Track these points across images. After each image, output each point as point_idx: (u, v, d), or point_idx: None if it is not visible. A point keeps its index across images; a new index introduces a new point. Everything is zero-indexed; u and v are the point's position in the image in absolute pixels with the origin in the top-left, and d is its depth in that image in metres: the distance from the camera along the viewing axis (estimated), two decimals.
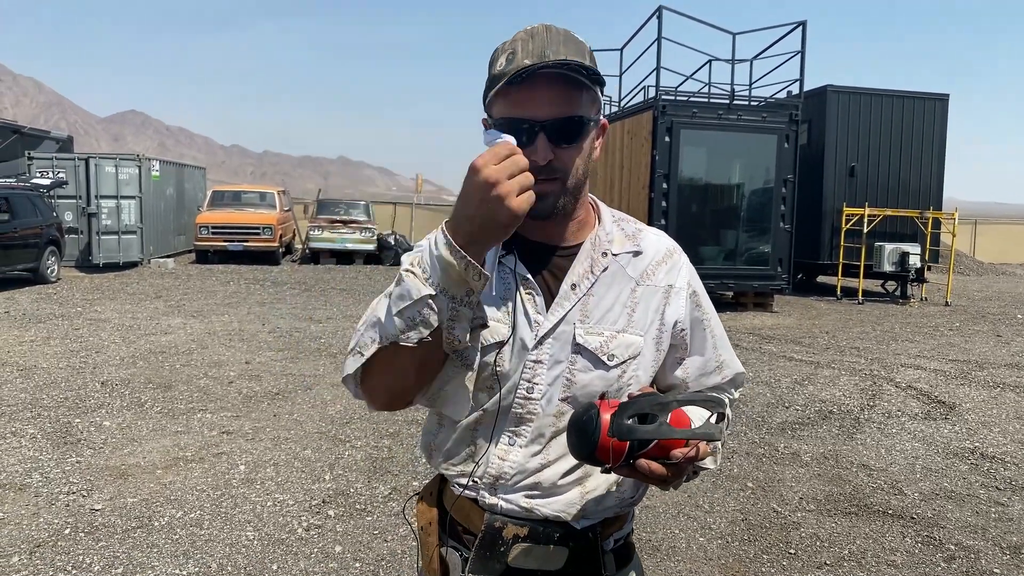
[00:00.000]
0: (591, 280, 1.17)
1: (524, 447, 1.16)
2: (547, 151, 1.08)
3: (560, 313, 1.15)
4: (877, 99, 14.05)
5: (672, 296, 1.22)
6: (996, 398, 6.53)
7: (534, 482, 1.16)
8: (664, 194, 11.25)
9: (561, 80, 1.07)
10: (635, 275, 1.21)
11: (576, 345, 1.15)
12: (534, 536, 1.16)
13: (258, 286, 12.97)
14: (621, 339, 1.17)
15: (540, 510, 1.16)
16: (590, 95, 1.12)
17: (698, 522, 3.80)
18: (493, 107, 1.13)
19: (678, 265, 1.25)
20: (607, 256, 1.19)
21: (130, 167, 15.17)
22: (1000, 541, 3.67)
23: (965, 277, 19.39)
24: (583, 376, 1.15)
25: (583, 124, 1.11)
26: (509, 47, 1.10)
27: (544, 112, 1.07)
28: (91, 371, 6.52)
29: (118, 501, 3.83)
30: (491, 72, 1.11)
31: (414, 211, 24.75)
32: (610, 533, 1.23)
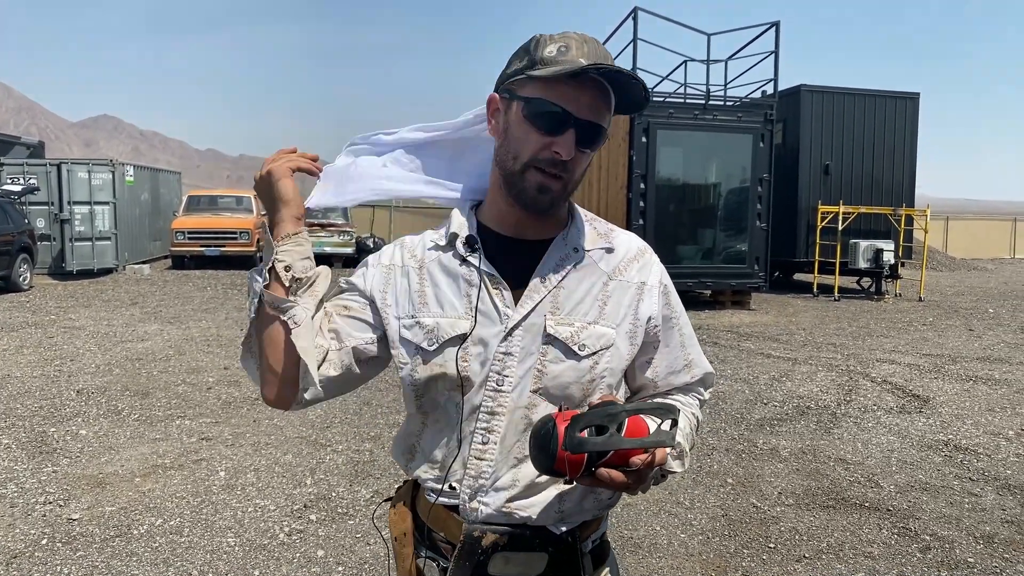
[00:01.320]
0: (562, 273, 1.18)
1: (498, 443, 1.15)
2: (571, 148, 1.10)
3: (530, 305, 1.15)
4: (850, 98, 14.26)
5: (645, 292, 1.23)
6: (969, 391, 6.65)
7: (512, 480, 1.15)
8: (642, 194, 11.32)
9: (604, 91, 1.10)
10: (607, 270, 1.21)
11: (547, 336, 1.15)
12: (514, 543, 1.15)
13: (236, 291, 12.86)
14: (592, 330, 1.17)
15: (519, 514, 1.15)
16: (610, 117, 1.15)
17: (679, 519, 3.84)
18: (525, 87, 1.12)
19: (650, 264, 1.25)
20: (579, 251, 1.20)
21: (103, 172, 14.97)
22: (974, 531, 3.74)
23: (937, 273, 19.71)
24: (554, 367, 1.15)
25: (604, 136, 1.14)
26: (561, 40, 1.10)
27: (583, 112, 1.09)
28: (66, 379, 6.43)
29: (96, 510, 3.78)
30: (536, 54, 1.11)
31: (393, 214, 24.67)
32: (588, 535, 1.22)
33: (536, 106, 1.10)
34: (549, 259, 1.19)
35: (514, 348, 1.14)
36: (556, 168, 1.11)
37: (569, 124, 1.09)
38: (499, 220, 1.22)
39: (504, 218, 1.21)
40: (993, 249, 26.41)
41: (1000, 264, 23.74)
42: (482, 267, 1.17)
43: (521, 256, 1.19)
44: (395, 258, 1.24)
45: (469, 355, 1.15)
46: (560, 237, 1.21)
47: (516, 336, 1.15)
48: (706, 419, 5.58)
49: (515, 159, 1.13)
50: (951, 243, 25.28)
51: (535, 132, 1.11)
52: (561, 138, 1.09)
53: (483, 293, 1.16)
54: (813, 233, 13.73)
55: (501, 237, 1.21)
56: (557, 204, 1.16)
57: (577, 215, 1.25)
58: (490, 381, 1.15)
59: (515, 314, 1.15)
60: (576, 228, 1.23)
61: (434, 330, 1.16)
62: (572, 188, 1.16)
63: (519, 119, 1.12)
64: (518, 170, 1.13)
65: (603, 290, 1.20)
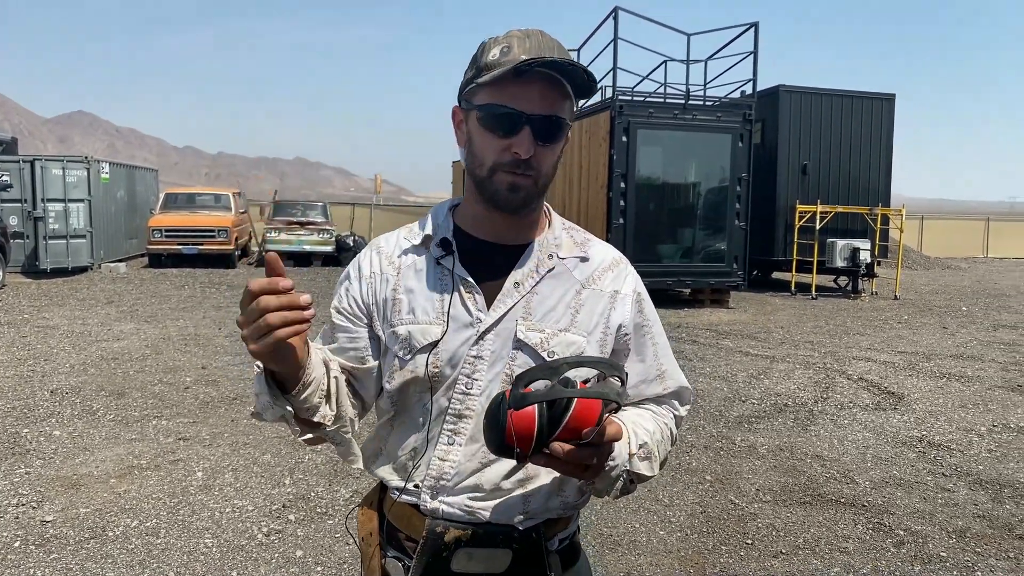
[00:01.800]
0: (535, 279, 1.18)
1: (464, 446, 1.15)
2: (530, 145, 1.10)
3: (502, 310, 1.16)
4: (827, 99, 14.41)
5: (618, 301, 1.23)
6: (942, 388, 6.76)
7: (475, 483, 1.15)
8: (622, 193, 11.37)
9: (553, 82, 1.10)
10: (581, 278, 1.21)
11: (517, 341, 1.15)
12: (477, 539, 1.14)
13: (214, 290, 12.74)
14: (563, 337, 1.17)
15: (482, 513, 1.15)
16: (569, 104, 1.15)
17: (658, 516, 3.86)
18: (476, 95, 1.13)
19: (624, 273, 1.26)
20: (553, 258, 1.21)
21: (78, 169, 14.74)
22: (946, 525, 3.81)
23: (913, 271, 19.99)
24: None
25: (564, 127, 1.14)
26: (504, 41, 1.12)
27: (534, 107, 1.10)
28: (40, 379, 6.33)
29: (70, 512, 3.73)
30: (481, 61, 1.12)
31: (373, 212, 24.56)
32: (554, 533, 1.21)
33: (488, 111, 1.11)
34: (523, 264, 1.19)
35: (484, 352, 1.15)
36: (521, 167, 1.12)
37: (522, 122, 1.10)
38: (475, 224, 1.22)
39: (480, 222, 1.21)
40: (967, 248, 26.83)
41: (973, 263, 24.13)
42: (456, 271, 1.17)
43: (496, 260, 1.20)
44: (375, 266, 1.23)
45: (440, 359, 1.15)
46: (536, 242, 1.21)
47: (487, 340, 1.15)
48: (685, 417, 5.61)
49: (481, 166, 1.14)
50: (926, 242, 25.64)
51: (493, 137, 1.12)
52: (517, 138, 1.10)
53: (455, 297, 1.16)
54: (791, 232, 13.87)
55: (477, 240, 1.21)
56: (531, 200, 1.16)
57: (555, 222, 1.26)
58: (459, 384, 1.15)
59: (487, 318, 1.15)
60: (553, 235, 1.23)
61: (407, 339, 1.16)
62: (544, 182, 1.16)
63: (477, 127, 1.14)
64: (486, 176, 1.14)
65: (576, 298, 1.20)
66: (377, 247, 1.26)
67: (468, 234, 1.21)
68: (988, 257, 26.87)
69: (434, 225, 1.23)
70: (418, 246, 1.22)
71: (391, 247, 1.24)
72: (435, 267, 1.19)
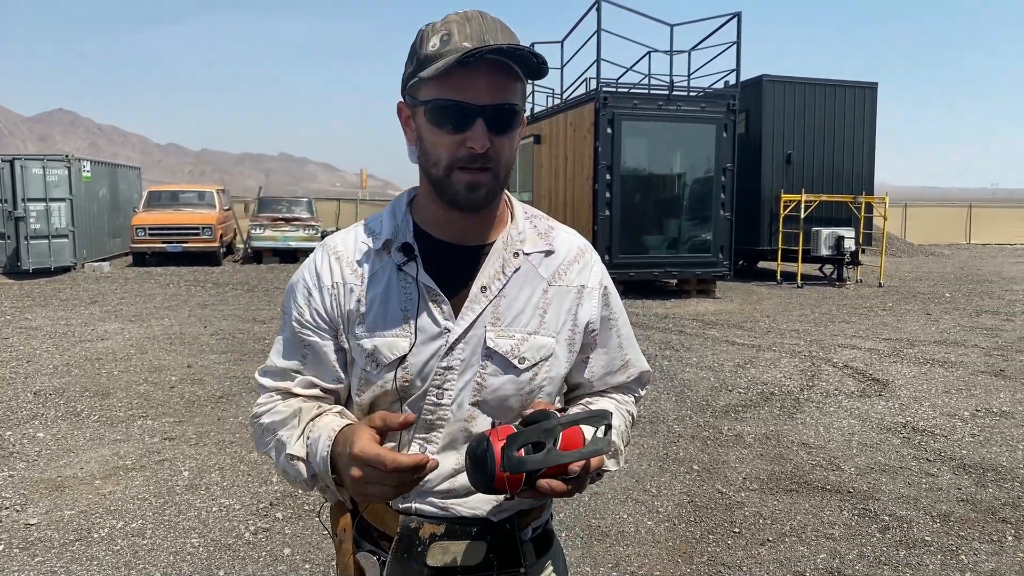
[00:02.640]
0: (502, 281, 1.15)
1: (436, 454, 1.14)
2: (485, 138, 1.05)
3: (471, 317, 1.13)
4: (811, 88, 14.46)
5: (584, 296, 1.21)
6: (926, 374, 6.82)
7: (449, 487, 1.15)
8: (608, 185, 11.38)
9: (501, 68, 1.04)
10: (547, 275, 1.19)
11: (487, 349, 1.13)
12: (451, 533, 1.14)
13: (199, 288, 12.65)
14: (533, 341, 1.15)
15: (456, 509, 1.15)
16: (521, 87, 1.11)
17: (645, 506, 3.88)
18: (420, 89, 1.08)
19: (590, 264, 1.24)
20: (519, 256, 1.17)
21: (59, 168, 14.57)
22: (931, 510, 3.85)
23: (897, 259, 20.15)
24: (493, 380, 1.14)
25: (517, 114, 1.09)
26: (442, 28, 1.06)
27: (484, 98, 1.04)
28: (23, 381, 6.27)
29: (54, 514, 3.70)
30: (421, 52, 1.07)
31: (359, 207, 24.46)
32: (527, 523, 1.21)
33: (436, 107, 1.06)
34: (488, 266, 1.16)
35: (455, 362, 1.13)
36: (479, 162, 1.07)
37: (474, 115, 1.05)
38: (435, 224, 1.17)
39: (439, 222, 1.17)
40: (950, 235, 27.08)
41: (956, 250, 24.35)
42: (420, 279, 1.13)
43: (460, 263, 1.16)
44: (336, 275, 1.17)
45: (409, 373, 1.12)
46: (500, 241, 1.18)
47: (457, 350, 1.13)
48: (672, 408, 5.64)
49: (436, 165, 1.09)
50: (910, 230, 25.86)
51: (444, 133, 1.07)
52: (471, 132, 1.05)
53: (421, 306, 1.13)
54: (776, 221, 13.93)
55: (438, 242, 1.17)
56: (493, 196, 1.12)
57: (517, 213, 1.22)
58: (429, 396, 1.13)
59: (456, 327, 1.13)
60: (517, 229, 1.20)
61: (373, 353, 1.13)
62: (504, 174, 1.12)
63: (426, 123, 1.09)
64: (443, 175, 1.09)
65: (543, 297, 1.18)
66: (335, 252, 1.19)
67: (428, 234, 1.17)
68: (971, 243, 27.13)
69: (393, 226, 1.18)
70: (379, 251, 1.17)
71: (350, 251, 1.18)
72: (397, 274, 1.15)
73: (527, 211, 1.25)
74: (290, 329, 1.19)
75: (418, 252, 1.15)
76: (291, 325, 1.18)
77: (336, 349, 1.18)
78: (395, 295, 1.14)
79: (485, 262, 1.16)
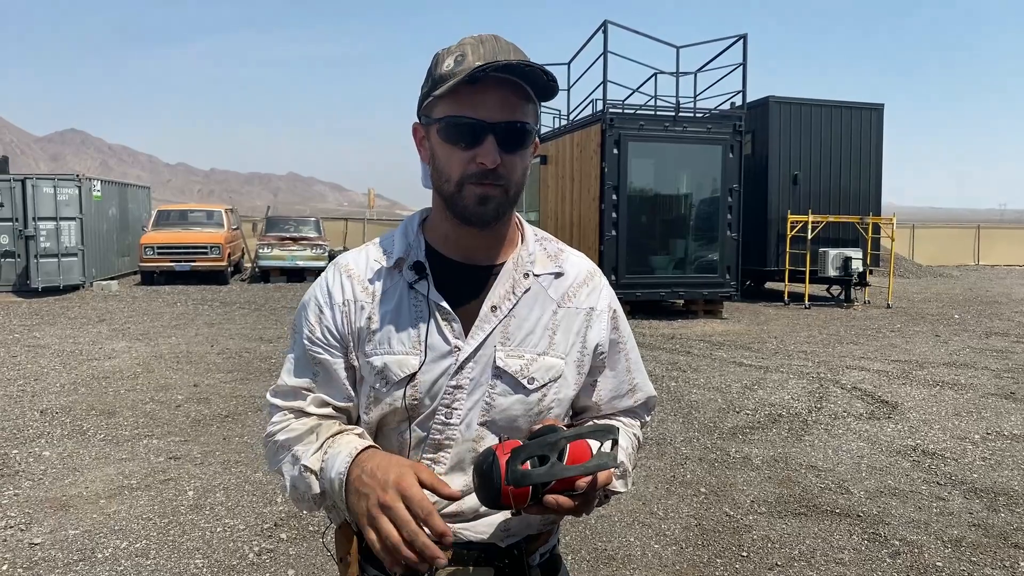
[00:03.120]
0: (512, 301, 1.16)
1: (444, 475, 1.13)
2: (496, 154, 1.06)
3: (480, 337, 1.13)
4: (816, 109, 14.51)
5: (594, 319, 1.22)
6: (936, 396, 6.76)
7: (457, 510, 1.14)
8: (614, 205, 11.40)
9: (512, 86, 1.07)
10: (556, 297, 1.20)
11: (496, 369, 1.13)
12: (458, 559, 1.13)
13: (206, 307, 12.69)
14: (542, 362, 1.16)
15: (463, 534, 1.14)
16: (533, 107, 1.12)
17: (653, 529, 3.84)
18: (435, 108, 1.10)
19: (599, 287, 1.25)
20: (529, 277, 1.18)
21: (69, 187, 14.71)
22: (942, 535, 3.79)
23: (905, 279, 20.07)
24: (502, 400, 1.14)
25: (528, 133, 1.11)
26: (457, 50, 1.08)
27: (495, 115, 1.06)
28: (29, 399, 6.28)
29: (59, 534, 3.69)
30: (435, 73, 1.09)
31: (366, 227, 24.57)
32: (535, 548, 1.21)
33: (448, 124, 1.08)
34: (499, 286, 1.17)
35: (464, 381, 1.13)
36: (489, 178, 1.08)
37: (485, 131, 1.07)
38: (446, 243, 1.19)
39: (451, 241, 1.18)
40: (958, 256, 26.97)
41: (965, 271, 24.25)
42: (431, 297, 1.14)
43: (470, 282, 1.17)
44: (347, 292, 1.18)
45: (418, 391, 1.13)
46: (510, 262, 1.19)
47: (466, 369, 1.13)
48: (680, 429, 5.61)
49: (447, 181, 1.11)
50: (918, 250, 25.77)
51: (456, 150, 1.09)
52: (482, 148, 1.07)
53: (432, 325, 1.13)
54: (783, 242, 13.91)
55: (449, 261, 1.18)
56: (503, 211, 1.13)
57: (528, 235, 1.23)
58: (438, 415, 1.13)
59: (466, 347, 1.13)
60: (527, 250, 1.21)
61: (383, 371, 1.13)
62: (515, 192, 1.13)
63: (438, 141, 1.11)
64: (454, 191, 1.11)
65: (552, 319, 1.18)
66: (347, 271, 1.20)
67: (440, 254, 1.18)
68: (979, 264, 27.01)
69: (405, 245, 1.19)
70: (391, 269, 1.18)
71: (361, 270, 1.19)
72: (408, 292, 1.15)
73: (537, 233, 1.26)
74: (301, 347, 1.19)
75: (429, 271, 1.15)
76: (302, 343, 1.18)
77: (346, 367, 1.18)
78: (406, 313, 1.15)
79: (496, 282, 1.17)
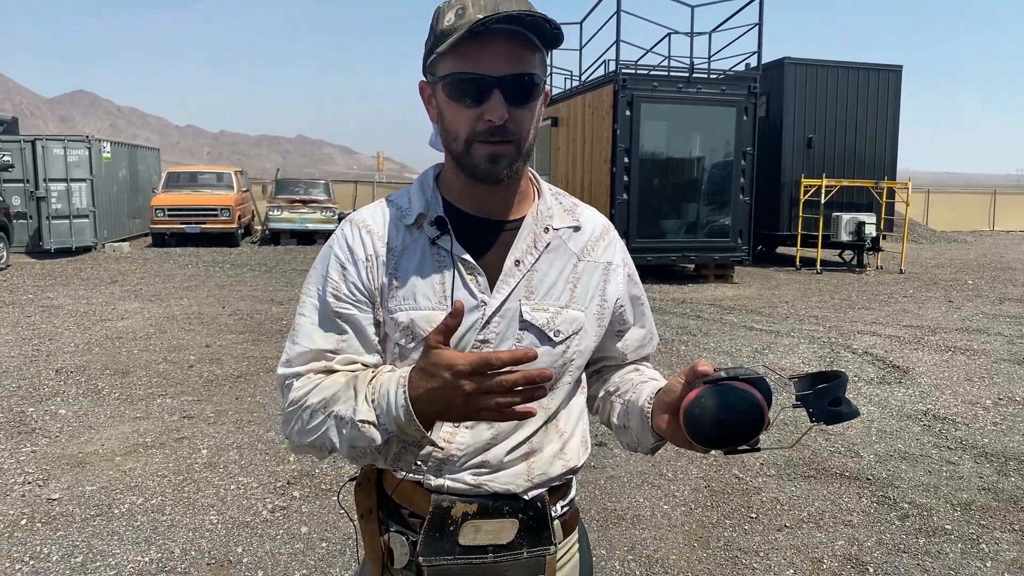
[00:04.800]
0: (534, 255, 1.16)
1: (470, 428, 1.13)
2: (503, 109, 1.03)
3: (505, 291, 1.13)
4: (833, 71, 14.23)
5: (611, 273, 1.23)
6: (947, 361, 6.73)
7: (481, 460, 1.14)
8: (626, 168, 11.28)
9: (517, 37, 1.03)
10: (576, 250, 1.20)
11: (523, 322, 1.13)
12: (483, 511, 1.14)
13: (217, 268, 12.74)
14: (565, 315, 1.16)
15: (488, 485, 1.14)
16: (540, 57, 1.09)
17: (662, 490, 3.87)
18: (438, 65, 1.07)
19: (613, 242, 1.26)
20: (549, 231, 1.18)
21: (79, 149, 14.69)
22: (951, 498, 3.80)
23: (918, 245, 19.89)
24: None
25: (536, 84, 1.07)
26: (457, 3, 1.04)
27: (500, 68, 1.03)
28: (44, 359, 6.35)
29: (76, 490, 3.75)
30: (437, 29, 1.06)
31: (375, 190, 24.49)
32: (556, 501, 1.22)
33: (452, 81, 1.05)
34: (521, 241, 1.16)
35: (491, 335, 1.13)
36: (498, 135, 1.05)
37: (490, 86, 1.03)
38: (462, 198, 1.17)
39: (466, 196, 1.16)
40: (973, 222, 26.66)
41: (980, 236, 23.99)
42: (455, 251, 1.13)
43: (490, 237, 1.16)
44: (368, 248, 1.15)
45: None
46: (530, 216, 1.18)
47: (493, 323, 1.13)
48: None
49: (456, 140, 1.08)
50: (932, 216, 25.48)
51: (462, 108, 1.06)
52: (488, 104, 1.04)
53: (457, 279, 1.12)
54: (796, 206, 13.77)
55: (468, 216, 1.16)
56: (515, 168, 1.10)
57: (544, 190, 1.22)
58: None
59: (492, 300, 1.13)
60: (545, 205, 1.20)
61: (409, 327, 1.12)
62: (527, 147, 1.10)
63: (445, 100, 1.08)
64: (463, 150, 1.08)
65: (573, 272, 1.19)
66: (366, 226, 1.17)
67: (458, 209, 1.17)
68: (995, 230, 26.71)
69: (423, 201, 1.17)
70: (410, 225, 1.15)
71: (380, 226, 1.17)
72: (431, 247, 1.14)
73: (552, 188, 1.26)
74: (325, 307, 1.14)
75: (450, 226, 1.14)
76: (327, 302, 1.14)
77: (374, 322, 1.16)
78: (429, 268, 1.13)
79: (517, 237, 1.16)
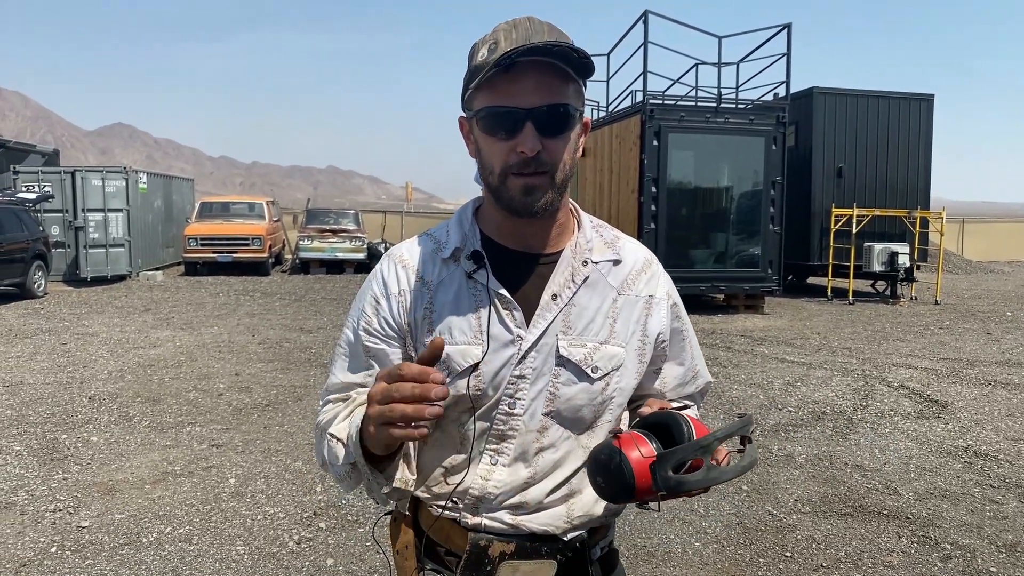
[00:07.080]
0: (572, 289, 1.13)
1: (508, 466, 1.12)
2: (535, 141, 1.03)
3: (542, 326, 1.11)
4: (863, 100, 14.13)
5: (654, 307, 1.20)
6: (988, 396, 6.54)
7: (520, 501, 1.12)
8: (653, 198, 11.26)
9: (548, 68, 1.03)
10: (616, 284, 1.17)
11: (560, 358, 1.11)
12: (521, 552, 1.11)
13: (248, 297, 12.90)
14: (604, 351, 1.13)
15: (527, 526, 1.12)
16: (576, 87, 1.08)
17: (693, 527, 3.78)
18: (474, 100, 1.08)
19: (657, 275, 1.22)
20: (587, 264, 1.15)
21: (117, 180, 15.07)
22: (996, 539, 3.66)
23: (954, 276, 19.50)
24: (567, 389, 1.12)
25: (570, 114, 1.06)
26: (491, 38, 1.05)
27: (531, 100, 1.03)
28: (78, 386, 6.45)
29: (105, 518, 3.77)
30: (472, 64, 1.07)
31: (404, 219, 24.72)
32: (596, 542, 1.20)
33: (486, 116, 1.06)
34: (558, 274, 1.14)
35: (527, 371, 1.11)
36: (532, 166, 1.05)
37: (522, 118, 1.03)
38: (500, 232, 1.16)
39: (504, 230, 1.15)
40: (1010, 252, 26.08)
41: (1017, 267, 23.45)
42: (491, 286, 1.12)
43: (528, 271, 1.14)
44: (403, 283, 1.16)
45: (482, 381, 1.10)
46: (568, 249, 1.16)
47: (529, 358, 1.11)
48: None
49: (491, 173, 1.08)
50: (967, 246, 24.99)
51: (496, 141, 1.06)
52: (521, 136, 1.03)
53: (493, 314, 1.11)
54: (827, 236, 13.60)
55: (505, 250, 1.15)
56: (550, 200, 1.08)
57: (584, 222, 1.20)
58: (501, 405, 1.11)
59: (528, 336, 1.11)
60: (584, 238, 1.18)
61: (445, 361, 1.10)
62: (564, 178, 1.09)
63: (480, 134, 1.08)
64: (498, 183, 1.08)
65: (612, 307, 1.16)
66: (402, 261, 1.18)
67: (496, 243, 1.16)
68: None
69: (461, 234, 1.17)
70: (447, 259, 1.15)
71: (416, 260, 1.17)
72: (467, 281, 1.13)
73: (593, 220, 1.23)
74: (356, 341, 1.16)
75: (487, 260, 1.13)
76: (358, 335, 1.16)
77: (403, 357, 1.15)
78: (465, 303, 1.12)
79: (555, 270, 1.14)
